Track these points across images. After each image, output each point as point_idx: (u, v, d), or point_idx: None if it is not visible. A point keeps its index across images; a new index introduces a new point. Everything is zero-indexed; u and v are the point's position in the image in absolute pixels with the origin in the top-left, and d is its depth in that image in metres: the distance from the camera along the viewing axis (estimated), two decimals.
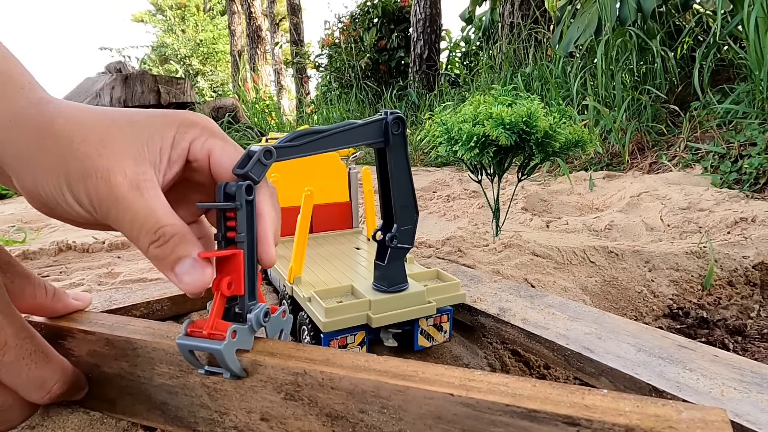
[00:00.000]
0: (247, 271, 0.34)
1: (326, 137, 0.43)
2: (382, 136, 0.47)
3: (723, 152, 1.63)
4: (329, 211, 0.78)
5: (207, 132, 0.34)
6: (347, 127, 0.45)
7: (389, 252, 0.51)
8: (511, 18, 3.40)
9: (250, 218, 0.33)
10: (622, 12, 2.08)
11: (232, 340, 0.32)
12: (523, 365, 0.66)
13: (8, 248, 1.08)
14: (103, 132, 0.30)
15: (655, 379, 0.41)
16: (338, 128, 0.44)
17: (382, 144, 0.48)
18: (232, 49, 9.07)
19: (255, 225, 0.34)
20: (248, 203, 0.33)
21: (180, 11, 16.63)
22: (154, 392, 0.38)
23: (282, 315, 0.38)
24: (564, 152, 0.88)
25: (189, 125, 0.33)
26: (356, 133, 0.45)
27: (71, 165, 0.29)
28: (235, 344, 0.32)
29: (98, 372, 0.40)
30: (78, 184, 0.29)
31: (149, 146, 0.31)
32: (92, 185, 0.28)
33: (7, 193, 2.28)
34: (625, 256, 0.91)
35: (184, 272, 0.30)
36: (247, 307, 0.34)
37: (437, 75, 4.32)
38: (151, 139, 0.31)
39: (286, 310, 0.38)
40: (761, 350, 0.73)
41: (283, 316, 0.38)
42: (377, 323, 0.50)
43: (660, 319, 0.82)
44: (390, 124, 0.47)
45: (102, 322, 0.41)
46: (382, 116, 0.47)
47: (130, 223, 0.29)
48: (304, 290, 0.54)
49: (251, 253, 0.34)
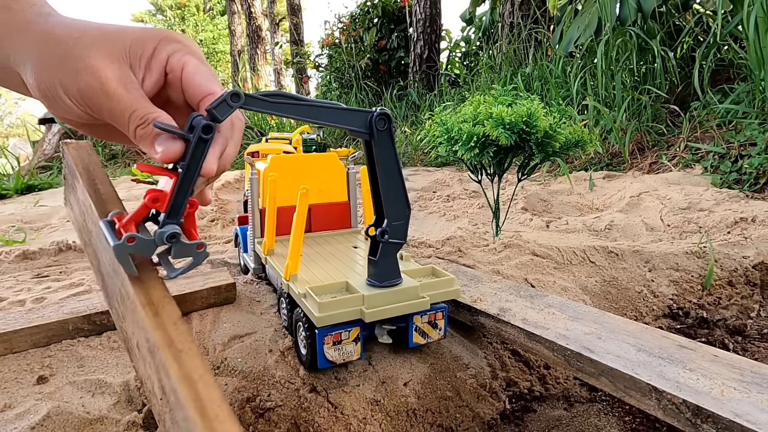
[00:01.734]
0: (176, 195, 0.38)
1: (305, 106, 0.43)
2: (366, 128, 0.47)
3: (723, 152, 1.63)
4: (328, 210, 0.78)
5: (186, 49, 0.38)
6: (330, 106, 0.44)
7: (380, 247, 0.51)
8: (511, 18, 3.40)
9: (198, 153, 0.37)
10: (622, 12, 2.08)
11: (127, 243, 0.36)
12: (523, 365, 0.66)
13: (8, 248, 1.08)
14: (93, 38, 0.35)
15: (655, 379, 0.41)
16: (321, 103, 0.44)
17: (366, 135, 0.48)
18: (232, 49, 9.07)
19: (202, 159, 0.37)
20: (201, 140, 0.36)
21: (180, 11, 16.63)
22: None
23: (197, 247, 0.39)
24: (564, 152, 0.88)
25: (171, 40, 0.38)
26: (338, 115, 0.45)
27: (67, 64, 0.34)
28: (129, 248, 0.36)
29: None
30: (71, 80, 0.34)
31: (131, 52, 0.36)
32: (83, 81, 0.34)
33: (7, 193, 2.28)
34: (625, 256, 0.91)
35: (159, 143, 0.36)
36: (162, 223, 0.38)
37: (437, 75, 4.32)
38: (133, 46, 0.36)
39: (203, 244, 0.39)
40: (761, 350, 0.73)
41: (198, 249, 0.40)
42: (370, 318, 0.50)
43: (660, 319, 0.81)
44: (375, 120, 0.47)
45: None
46: (369, 111, 0.47)
47: (121, 112, 0.35)
48: (300, 287, 0.54)
49: (187, 180, 0.37)
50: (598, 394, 0.64)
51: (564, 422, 0.58)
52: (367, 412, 0.51)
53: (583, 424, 0.58)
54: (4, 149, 3.30)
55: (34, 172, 2.92)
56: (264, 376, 0.54)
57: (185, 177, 0.37)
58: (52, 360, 0.55)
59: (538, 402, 0.62)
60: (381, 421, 0.51)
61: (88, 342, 0.59)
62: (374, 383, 0.54)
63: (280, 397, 0.52)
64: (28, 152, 4.27)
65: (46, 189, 2.45)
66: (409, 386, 0.55)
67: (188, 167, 0.37)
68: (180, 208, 0.38)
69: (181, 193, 0.38)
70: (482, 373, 0.61)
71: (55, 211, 1.64)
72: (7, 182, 2.46)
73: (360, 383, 0.54)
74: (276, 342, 0.59)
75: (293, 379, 0.54)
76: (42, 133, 3.77)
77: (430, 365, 0.58)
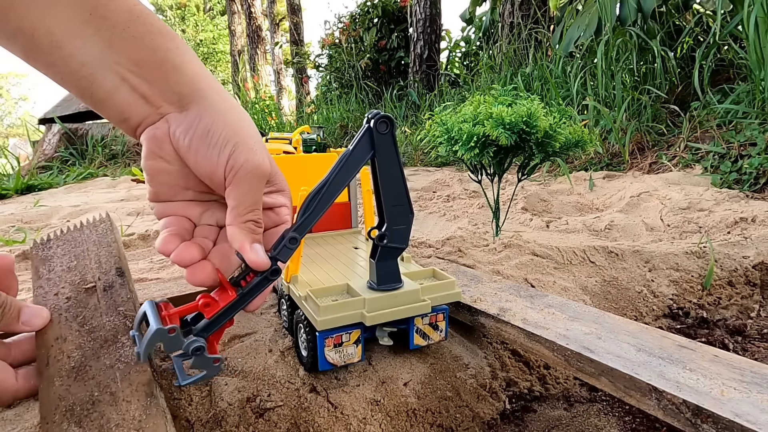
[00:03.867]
0: (223, 311, 0.40)
1: (330, 185, 0.45)
2: (372, 148, 0.47)
3: (723, 152, 1.63)
4: (328, 211, 0.77)
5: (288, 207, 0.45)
6: (343, 161, 0.45)
7: (379, 250, 0.51)
8: (511, 18, 3.40)
9: (260, 287, 0.40)
10: (622, 12, 2.08)
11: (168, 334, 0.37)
12: (523, 365, 0.66)
13: (8, 248, 1.08)
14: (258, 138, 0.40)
15: (655, 379, 0.41)
16: (335, 170, 0.45)
17: (374, 155, 0.48)
18: (232, 49, 9.06)
19: (258, 293, 0.41)
20: (266, 279, 0.40)
21: (180, 11, 16.63)
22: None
23: (214, 361, 0.41)
24: (564, 152, 0.88)
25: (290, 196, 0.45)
26: (353, 160, 0.46)
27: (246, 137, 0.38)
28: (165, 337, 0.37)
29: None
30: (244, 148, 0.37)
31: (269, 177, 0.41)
32: (255, 158, 0.38)
33: (7, 193, 2.28)
34: (625, 256, 0.91)
35: (257, 250, 0.39)
36: (195, 331, 0.39)
37: (437, 75, 4.32)
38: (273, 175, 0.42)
39: (221, 359, 0.41)
40: (761, 350, 0.73)
41: (215, 363, 0.41)
42: (371, 321, 0.50)
43: (660, 319, 0.81)
44: (376, 126, 0.47)
45: None
46: (366, 124, 0.47)
47: (254, 200, 0.39)
48: (301, 289, 0.54)
49: (237, 304, 0.40)
50: (598, 394, 0.64)
51: (564, 422, 0.58)
52: (367, 412, 0.51)
53: (583, 424, 0.58)
54: (4, 149, 3.30)
55: (34, 172, 2.92)
56: (264, 376, 0.54)
57: (238, 303, 0.40)
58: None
59: (538, 402, 0.62)
60: (381, 421, 0.51)
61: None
62: (374, 383, 0.54)
63: (280, 397, 0.52)
64: (28, 152, 4.27)
65: (46, 189, 2.46)
66: (409, 386, 0.55)
67: (245, 295, 0.40)
68: (217, 326, 0.40)
69: (227, 312, 0.40)
70: (482, 373, 0.61)
71: (55, 211, 1.64)
72: (7, 182, 2.46)
73: (360, 383, 0.54)
74: (276, 342, 0.59)
75: (293, 379, 0.54)
76: (42, 133, 3.77)
77: (430, 365, 0.58)
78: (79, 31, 0.33)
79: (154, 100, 0.36)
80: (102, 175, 2.93)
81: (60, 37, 0.33)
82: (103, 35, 0.34)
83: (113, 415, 0.36)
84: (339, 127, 3.95)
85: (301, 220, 0.43)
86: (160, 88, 0.36)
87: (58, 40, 0.33)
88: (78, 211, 1.63)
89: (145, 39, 0.35)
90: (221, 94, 0.39)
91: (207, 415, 0.50)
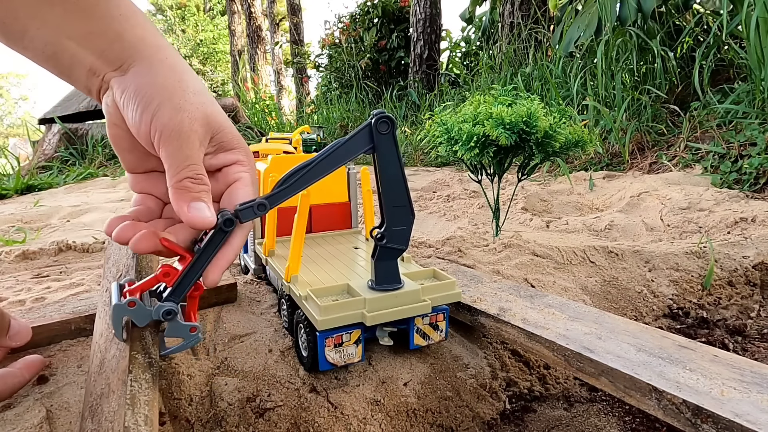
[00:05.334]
0: (184, 276, 0.39)
1: (315, 166, 0.44)
2: (371, 143, 0.47)
3: (723, 152, 1.63)
4: (328, 211, 0.78)
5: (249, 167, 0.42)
6: (334, 148, 0.45)
7: (378, 250, 0.51)
8: (511, 18, 3.40)
9: (216, 242, 0.39)
10: (622, 12, 2.08)
11: (128, 307, 0.37)
12: (523, 365, 0.66)
13: (8, 248, 1.08)
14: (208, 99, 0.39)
15: (655, 379, 0.41)
16: (325, 153, 0.44)
17: (371, 151, 0.47)
18: (232, 49, 9.06)
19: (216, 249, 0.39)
20: (221, 231, 0.39)
21: (180, 11, 16.62)
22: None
23: (191, 329, 0.41)
24: (564, 152, 0.88)
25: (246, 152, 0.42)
26: (345, 150, 0.45)
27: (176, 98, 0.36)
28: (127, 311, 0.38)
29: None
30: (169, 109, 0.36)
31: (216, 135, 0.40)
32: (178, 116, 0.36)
33: (7, 193, 2.28)
34: (625, 256, 0.91)
35: (195, 208, 0.37)
36: (164, 298, 0.39)
37: (437, 75, 4.32)
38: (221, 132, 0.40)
39: (197, 327, 0.41)
40: (761, 350, 0.73)
41: (191, 331, 0.41)
42: (372, 321, 0.50)
43: (660, 319, 0.81)
44: (377, 126, 0.47)
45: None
46: (368, 121, 0.47)
47: (184, 157, 0.37)
48: (301, 289, 0.54)
49: (197, 266, 0.39)
50: (598, 394, 0.64)
51: (564, 422, 0.58)
52: (367, 412, 0.51)
53: (583, 424, 0.58)
54: (4, 149, 3.30)
55: (34, 172, 2.92)
56: (264, 376, 0.54)
57: (197, 262, 0.39)
58: (52, 360, 0.55)
59: (538, 402, 0.62)
60: (381, 421, 0.51)
61: (88, 342, 0.59)
62: (374, 383, 0.54)
63: (280, 397, 0.52)
64: (28, 152, 4.27)
65: (46, 189, 2.45)
66: (409, 386, 0.55)
67: (202, 253, 0.39)
68: (184, 290, 0.40)
69: (189, 275, 0.40)
70: (482, 373, 0.61)
71: (55, 211, 1.64)
72: (7, 182, 2.46)
73: (360, 383, 0.54)
74: (276, 342, 0.59)
75: (293, 379, 0.54)
76: (42, 133, 3.77)
77: (430, 365, 0.58)
78: (37, 11, 0.34)
79: (102, 69, 0.37)
80: (102, 175, 2.93)
81: (24, 20, 0.34)
82: (57, 11, 0.35)
83: (105, 408, 0.37)
84: (339, 127, 3.95)
85: (276, 190, 0.43)
86: (106, 57, 0.36)
87: (24, 24, 0.34)
88: (78, 211, 1.63)
89: (93, 9, 0.36)
90: (165, 55, 0.38)
91: (207, 415, 0.50)
